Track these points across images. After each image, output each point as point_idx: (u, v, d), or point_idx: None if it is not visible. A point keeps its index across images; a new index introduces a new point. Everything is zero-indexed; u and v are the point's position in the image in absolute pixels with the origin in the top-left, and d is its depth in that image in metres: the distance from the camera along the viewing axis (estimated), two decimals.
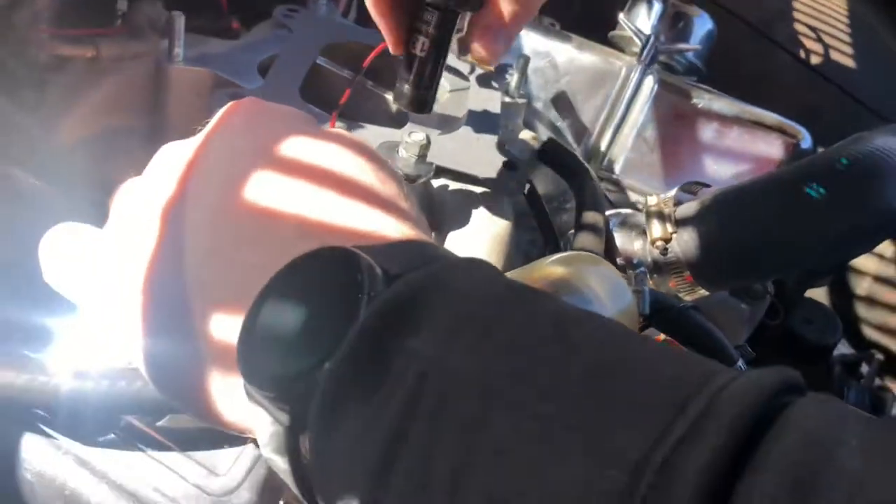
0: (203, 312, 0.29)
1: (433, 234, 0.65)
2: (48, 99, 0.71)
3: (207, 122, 0.35)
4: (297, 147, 0.32)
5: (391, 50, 0.50)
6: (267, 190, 0.31)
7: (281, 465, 0.26)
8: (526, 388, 0.22)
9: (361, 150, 0.33)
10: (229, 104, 0.36)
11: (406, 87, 0.51)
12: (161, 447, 0.41)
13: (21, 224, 0.49)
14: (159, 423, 0.42)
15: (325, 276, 0.26)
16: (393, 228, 0.30)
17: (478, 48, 0.50)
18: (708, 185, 0.68)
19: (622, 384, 0.22)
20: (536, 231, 0.75)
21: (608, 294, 0.45)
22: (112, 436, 0.41)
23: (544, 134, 0.98)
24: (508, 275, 0.44)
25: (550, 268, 0.45)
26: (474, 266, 0.27)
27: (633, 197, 0.93)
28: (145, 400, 0.38)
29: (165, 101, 0.70)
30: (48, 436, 0.41)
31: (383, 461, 0.23)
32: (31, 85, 0.72)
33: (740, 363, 0.51)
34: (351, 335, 0.24)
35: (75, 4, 0.76)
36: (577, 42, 0.96)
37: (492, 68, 0.53)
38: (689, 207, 0.64)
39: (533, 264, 0.45)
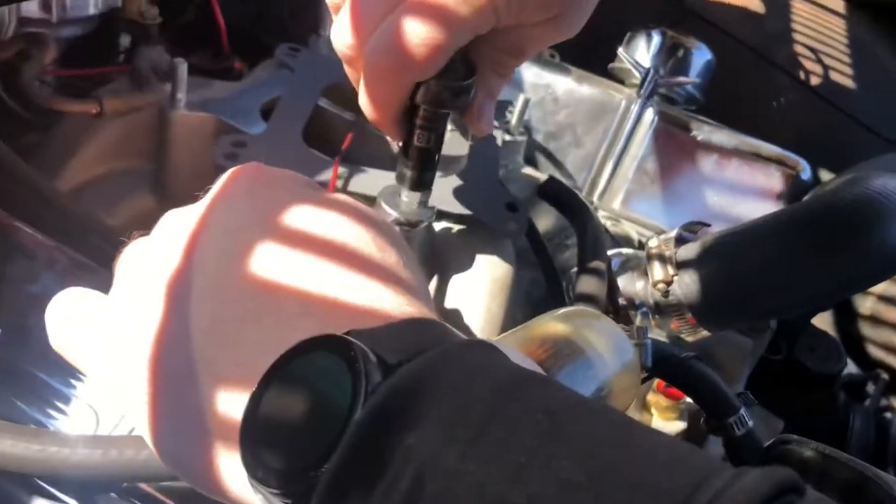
0: (209, 388, 0.29)
1: (436, 276, 0.65)
2: (52, 144, 0.72)
3: (210, 189, 0.35)
4: (298, 218, 0.32)
5: (391, 139, 0.52)
6: (268, 263, 0.31)
7: None
8: (521, 492, 0.22)
9: (361, 217, 0.34)
10: (231, 170, 0.36)
11: (407, 172, 0.54)
12: None
13: (28, 281, 0.50)
14: (167, 483, 0.42)
15: (323, 366, 0.26)
16: (392, 304, 0.30)
17: (476, 125, 0.52)
18: (708, 225, 0.68)
19: (615, 492, 0.22)
20: (538, 269, 0.75)
21: (610, 350, 0.45)
22: (114, 495, 0.42)
23: (544, 167, 0.98)
24: (510, 334, 0.45)
25: (551, 325, 0.45)
26: (473, 352, 0.27)
27: (630, 227, 0.94)
28: (153, 469, 0.38)
29: (169, 146, 0.70)
30: (54, 496, 0.41)
31: None
32: (35, 130, 0.73)
33: (742, 412, 0.51)
34: (349, 432, 0.24)
35: (79, 43, 0.77)
36: (577, 74, 0.97)
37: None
38: (690, 249, 0.64)
39: (534, 321, 0.46)
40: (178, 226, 0.34)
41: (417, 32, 0.42)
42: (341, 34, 0.46)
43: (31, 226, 0.53)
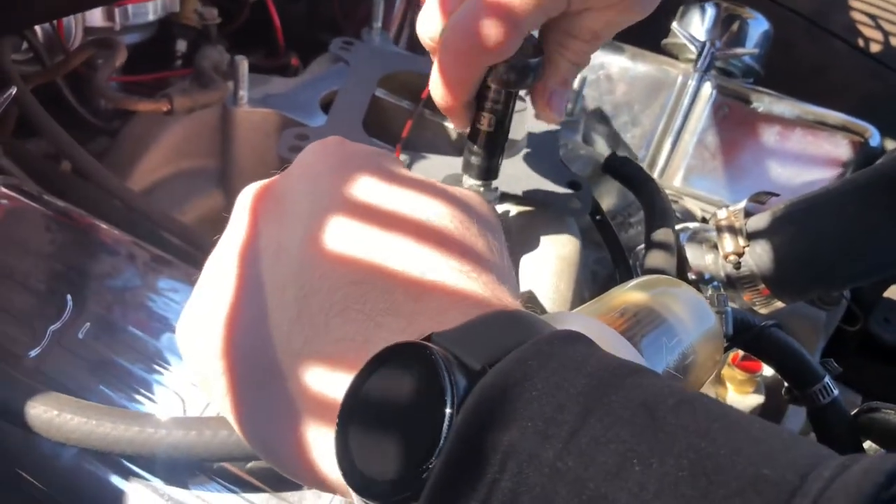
0: (296, 380, 0.29)
1: None
2: (120, 148, 0.74)
3: (285, 167, 0.35)
4: (384, 197, 0.32)
5: (456, 128, 0.52)
6: (352, 250, 0.30)
7: None
8: (622, 487, 0.21)
9: (448, 199, 0.33)
10: (313, 144, 0.35)
11: (473, 158, 0.54)
12: (254, 489, 0.42)
13: (111, 275, 0.51)
14: (252, 464, 0.43)
15: (411, 372, 0.26)
16: (478, 295, 0.30)
17: (546, 113, 0.52)
18: (777, 195, 0.67)
19: (721, 483, 0.21)
20: (602, 248, 0.74)
21: (692, 317, 0.44)
22: (206, 478, 0.43)
23: (602, 147, 0.97)
24: (587, 307, 0.44)
25: (629, 295, 0.44)
26: (562, 345, 0.26)
27: (693, 204, 0.92)
28: (246, 447, 0.39)
29: (232, 143, 0.71)
30: (151, 483, 0.42)
31: None
32: (103, 135, 0.75)
33: (827, 379, 0.50)
34: (445, 437, 0.24)
35: (138, 49, 0.79)
36: (631, 52, 0.96)
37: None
38: (761, 219, 0.63)
39: (610, 292, 0.45)
40: (254, 204, 0.34)
41: (493, 15, 0.42)
42: (426, 24, 0.46)
43: (109, 224, 0.54)
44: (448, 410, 0.24)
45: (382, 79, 0.77)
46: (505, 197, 0.65)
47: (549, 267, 0.63)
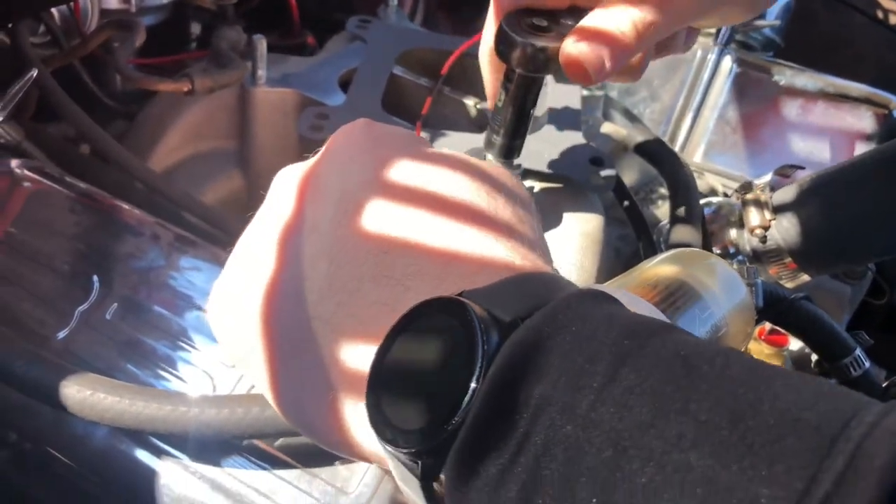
0: (330, 345, 0.30)
1: None
2: (138, 131, 0.74)
3: (316, 151, 0.36)
4: (412, 174, 0.32)
5: (489, 105, 0.51)
6: (382, 222, 0.31)
7: (414, 498, 0.27)
8: (658, 437, 0.21)
9: (475, 173, 0.33)
10: (343, 127, 0.35)
11: (495, 137, 0.53)
12: (287, 466, 0.42)
13: (136, 256, 0.51)
14: (283, 441, 0.43)
15: (443, 327, 0.26)
16: (506, 259, 0.30)
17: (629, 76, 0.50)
18: (802, 168, 0.66)
19: (760, 429, 0.20)
20: (625, 225, 0.74)
21: (723, 289, 0.44)
22: (238, 456, 0.43)
23: (621, 123, 0.96)
24: (616, 280, 0.44)
25: (659, 268, 0.44)
26: (593, 302, 0.26)
27: (714, 180, 0.91)
28: (278, 424, 0.39)
29: (252, 123, 0.71)
30: (184, 462, 0.42)
31: None
32: (120, 118, 0.75)
33: (858, 352, 0.49)
34: (477, 390, 0.24)
35: (153, 32, 0.78)
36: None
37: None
38: (787, 192, 0.62)
39: (639, 266, 0.45)
40: (290, 182, 0.35)
41: None
42: None
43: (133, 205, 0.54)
44: (480, 362, 0.24)
45: (400, 56, 0.76)
46: (528, 173, 0.65)
47: (574, 243, 0.62)
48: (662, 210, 0.77)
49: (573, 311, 0.25)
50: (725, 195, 0.90)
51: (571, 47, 0.42)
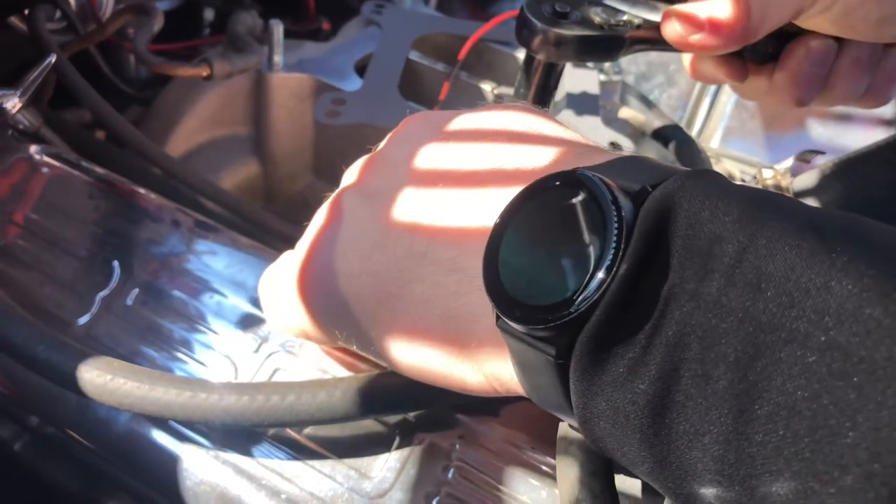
0: (429, 268, 0.29)
1: None
2: (154, 116, 0.74)
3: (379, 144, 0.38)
4: (475, 120, 0.34)
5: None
6: (449, 162, 0.32)
7: (547, 396, 0.26)
8: (799, 317, 0.19)
9: (536, 111, 0.34)
10: (405, 119, 0.37)
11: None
12: (312, 454, 0.42)
13: (157, 242, 0.51)
14: (309, 431, 0.43)
15: (568, 195, 0.24)
16: (598, 156, 0.29)
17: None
18: (822, 153, 0.65)
19: None
20: None
21: None
22: (268, 445, 0.43)
23: (637, 107, 0.96)
24: None
25: None
26: (715, 176, 0.25)
27: (732, 166, 0.91)
28: (299, 413, 0.39)
29: (268, 109, 0.71)
30: (206, 447, 0.42)
31: (655, 409, 0.22)
32: (136, 104, 0.75)
33: None
34: (620, 265, 0.22)
35: (167, 18, 0.78)
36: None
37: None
38: (808, 178, 0.62)
39: None
40: (353, 172, 0.37)
41: None
42: None
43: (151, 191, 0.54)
44: (615, 229, 0.22)
45: (416, 41, 0.76)
46: None
47: None
48: None
49: (690, 191, 0.23)
50: (743, 181, 0.90)
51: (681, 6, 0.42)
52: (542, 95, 0.51)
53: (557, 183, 0.25)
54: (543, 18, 0.47)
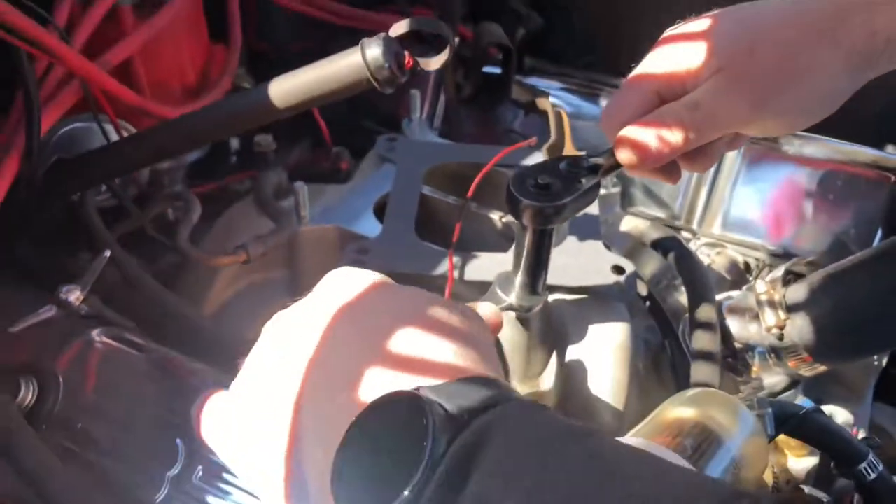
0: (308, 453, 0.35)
1: (554, 352, 0.69)
2: (194, 266, 0.81)
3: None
4: (373, 303, 0.39)
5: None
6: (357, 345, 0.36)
7: None
8: None
9: (444, 304, 0.38)
10: (327, 276, 0.43)
11: (518, 279, 0.60)
12: None
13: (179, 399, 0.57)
14: None
15: (399, 419, 0.31)
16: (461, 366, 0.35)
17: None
18: (813, 262, 0.70)
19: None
20: (650, 315, 0.79)
21: (736, 425, 0.49)
22: None
23: (640, 200, 1.01)
24: (642, 427, 0.49)
25: (679, 411, 0.49)
26: (530, 411, 0.32)
27: (734, 251, 0.96)
28: None
29: (299, 256, 0.78)
30: None
31: None
32: (172, 251, 0.82)
33: (871, 456, 0.54)
34: (429, 479, 0.29)
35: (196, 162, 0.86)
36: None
37: None
38: (799, 291, 0.67)
39: (661, 408, 0.50)
40: (280, 322, 0.42)
41: None
42: None
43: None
44: (430, 441, 0.29)
45: (427, 173, 0.82)
46: (553, 289, 0.70)
47: (607, 359, 0.67)
48: (685, 297, 0.81)
49: (509, 420, 0.30)
50: (746, 265, 0.95)
51: (629, 131, 0.50)
52: (539, 255, 0.57)
53: (398, 399, 0.31)
54: (528, 194, 0.52)
